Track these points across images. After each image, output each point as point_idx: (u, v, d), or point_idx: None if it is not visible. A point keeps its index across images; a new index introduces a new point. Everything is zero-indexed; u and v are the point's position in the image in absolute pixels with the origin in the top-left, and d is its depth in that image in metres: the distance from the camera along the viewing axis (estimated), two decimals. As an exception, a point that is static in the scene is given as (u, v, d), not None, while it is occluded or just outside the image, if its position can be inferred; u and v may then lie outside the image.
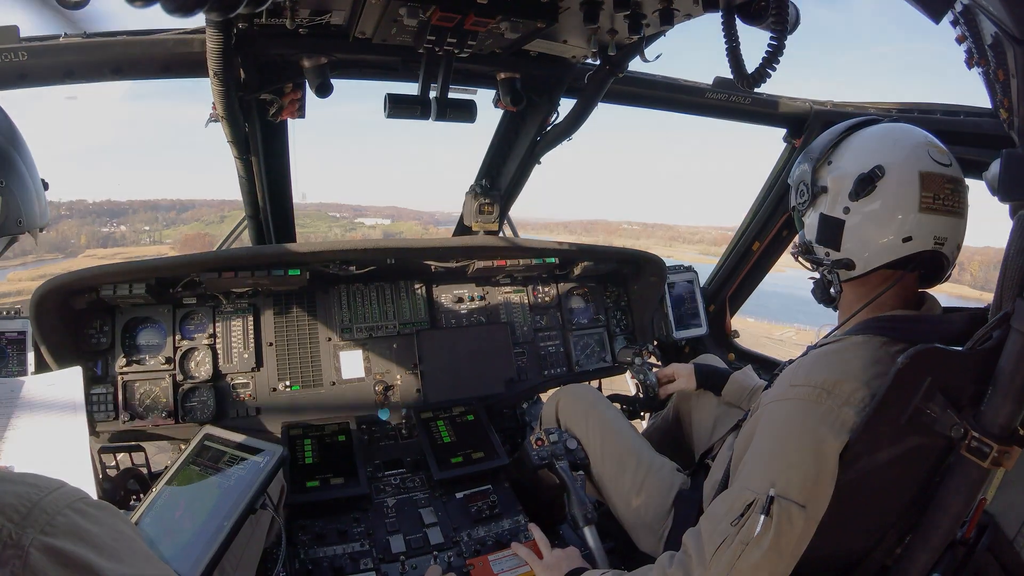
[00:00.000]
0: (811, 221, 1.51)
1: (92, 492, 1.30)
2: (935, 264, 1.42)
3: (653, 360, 2.72)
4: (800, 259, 1.59)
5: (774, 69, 1.50)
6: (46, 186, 1.33)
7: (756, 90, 1.65)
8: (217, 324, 2.53)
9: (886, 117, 1.99)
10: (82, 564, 0.61)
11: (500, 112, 2.67)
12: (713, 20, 1.64)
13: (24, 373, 2.22)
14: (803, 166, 1.52)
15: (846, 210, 1.42)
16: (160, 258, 2.36)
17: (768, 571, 1.24)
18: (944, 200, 1.36)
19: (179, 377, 2.44)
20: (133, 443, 2.35)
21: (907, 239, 1.36)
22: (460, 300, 2.92)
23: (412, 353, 2.73)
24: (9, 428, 1.62)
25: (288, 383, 2.54)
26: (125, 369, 2.38)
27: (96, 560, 0.62)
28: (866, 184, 1.37)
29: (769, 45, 1.49)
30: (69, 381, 1.73)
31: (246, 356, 2.53)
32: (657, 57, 2.17)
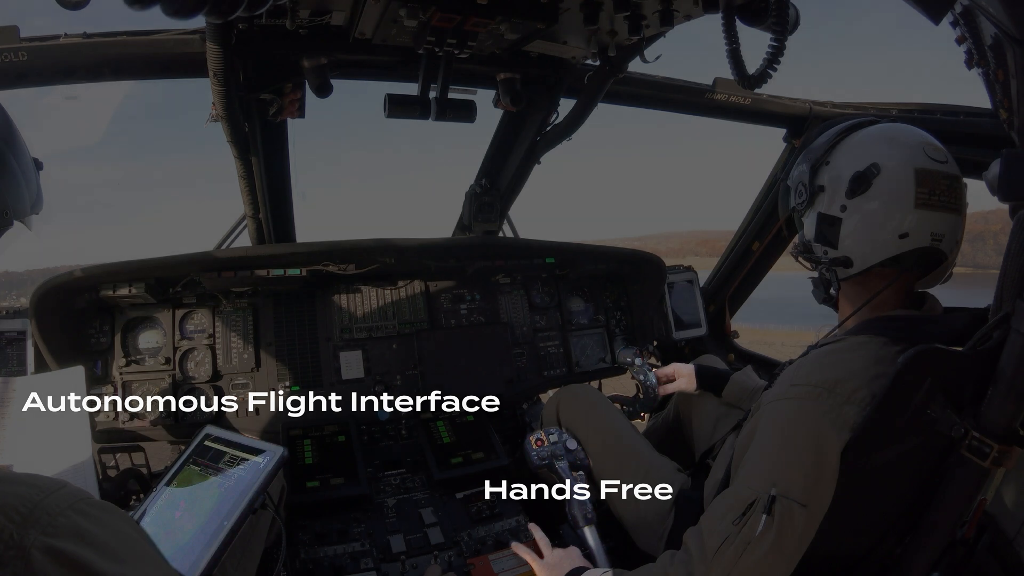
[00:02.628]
0: (809, 220, 1.51)
1: (93, 492, 1.30)
2: (934, 261, 1.42)
3: (653, 360, 2.72)
4: (800, 259, 1.60)
5: (775, 69, 1.50)
6: (40, 166, 1.25)
7: (756, 90, 1.64)
8: (217, 324, 2.53)
9: (885, 117, 1.99)
10: (84, 565, 0.60)
11: (500, 112, 2.67)
12: (713, 21, 1.64)
13: (24, 373, 2.22)
14: (801, 167, 1.53)
15: (843, 208, 1.42)
16: (160, 258, 2.35)
17: (769, 570, 1.24)
18: (940, 196, 1.36)
19: (179, 377, 2.44)
20: (133, 443, 2.35)
21: (903, 235, 1.36)
22: (459, 300, 2.92)
23: (412, 353, 2.73)
24: (9, 428, 1.62)
25: (288, 383, 2.54)
26: (125, 369, 2.38)
27: (98, 561, 0.61)
28: (862, 182, 1.38)
29: (770, 46, 1.49)
30: (70, 381, 1.73)
31: (245, 356, 2.53)
32: (657, 58, 2.17)
